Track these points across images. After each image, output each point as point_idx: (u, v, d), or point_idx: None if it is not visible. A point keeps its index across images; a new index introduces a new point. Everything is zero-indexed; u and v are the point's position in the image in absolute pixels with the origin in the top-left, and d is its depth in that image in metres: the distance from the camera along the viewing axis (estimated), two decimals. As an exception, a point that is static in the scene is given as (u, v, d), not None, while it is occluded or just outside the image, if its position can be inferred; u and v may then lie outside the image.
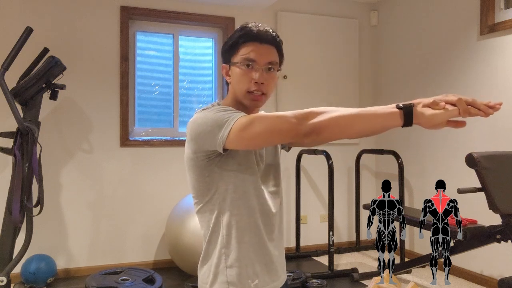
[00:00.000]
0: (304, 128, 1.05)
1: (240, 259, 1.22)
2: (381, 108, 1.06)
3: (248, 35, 1.23)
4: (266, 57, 1.24)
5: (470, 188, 2.38)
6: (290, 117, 1.07)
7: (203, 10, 4.02)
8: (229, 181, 1.21)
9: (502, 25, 3.23)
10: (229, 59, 1.27)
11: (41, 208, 3.01)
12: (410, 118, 1.01)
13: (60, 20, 3.61)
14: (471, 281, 3.45)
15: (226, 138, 1.11)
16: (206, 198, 1.24)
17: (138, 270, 3.22)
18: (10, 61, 2.94)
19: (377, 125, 1.05)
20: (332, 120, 1.05)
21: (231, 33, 1.29)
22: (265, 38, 1.24)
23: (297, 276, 3.33)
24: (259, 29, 1.24)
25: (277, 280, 1.30)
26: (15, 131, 2.96)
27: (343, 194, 4.51)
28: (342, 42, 4.48)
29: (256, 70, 1.22)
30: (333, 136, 1.06)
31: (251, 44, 1.23)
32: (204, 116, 1.17)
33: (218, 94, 4.19)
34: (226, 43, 1.28)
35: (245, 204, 1.23)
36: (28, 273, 3.23)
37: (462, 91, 3.57)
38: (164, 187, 3.88)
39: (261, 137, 1.09)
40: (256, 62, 1.23)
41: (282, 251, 1.35)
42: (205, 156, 1.19)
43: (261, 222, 1.25)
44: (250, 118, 1.11)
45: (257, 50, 1.23)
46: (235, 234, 1.22)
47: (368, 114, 1.05)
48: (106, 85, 3.74)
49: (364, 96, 4.61)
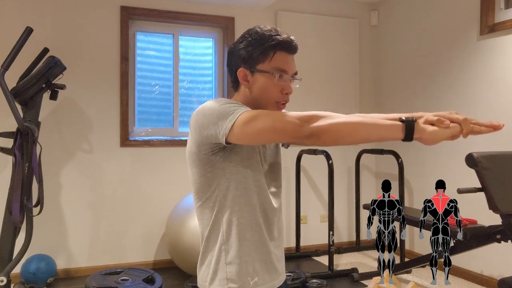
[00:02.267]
0: (306, 130, 1.06)
1: (240, 256, 1.22)
2: (383, 119, 1.07)
3: (281, 45, 1.22)
4: (294, 68, 1.25)
5: (470, 188, 2.38)
6: (293, 117, 1.08)
7: (203, 10, 4.02)
8: (230, 178, 1.21)
9: (502, 25, 3.23)
10: (253, 65, 1.23)
11: (41, 208, 3.01)
12: (411, 133, 1.02)
13: (60, 20, 3.61)
14: (471, 281, 3.45)
15: (229, 130, 1.11)
16: (207, 195, 1.24)
17: (138, 270, 3.22)
18: (10, 61, 2.94)
19: (377, 135, 1.06)
20: (334, 125, 1.05)
21: (249, 37, 1.25)
22: (294, 49, 1.24)
23: (297, 276, 3.33)
24: (290, 39, 1.24)
25: (277, 278, 1.30)
26: (15, 131, 2.96)
27: (343, 194, 4.51)
28: (342, 42, 4.48)
29: (286, 80, 1.23)
30: (332, 141, 1.07)
31: (283, 54, 1.23)
32: (210, 107, 1.16)
33: (218, 94, 4.19)
34: (248, 47, 1.24)
35: (246, 201, 1.23)
36: (28, 273, 3.23)
37: (462, 91, 3.57)
38: (164, 187, 3.88)
39: (263, 134, 1.10)
40: (286, 72, 1.23)
41: (282, 250, 1.35)
42: (209, 149, 1.19)
43: (262, 220, 1.25)
44: (254, 113, 1.12)
45: (287, 61, 1.23)
46: (235, 231, 1.22)
47: (370, 124, 1.05)
48: (106, 85, 3.74)
49: (364, 96, 4.61)
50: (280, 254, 1.33)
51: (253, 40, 1.24)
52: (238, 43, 1.27)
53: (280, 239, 1.34)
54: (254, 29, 1.26)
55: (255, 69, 1.23)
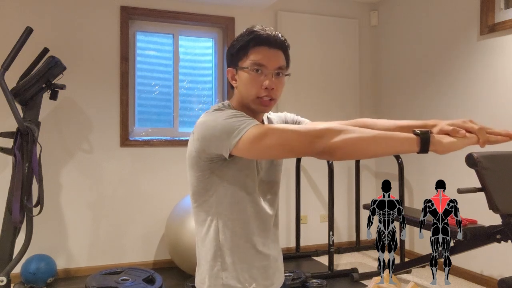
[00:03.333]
0: (318, 146, 1.03)
1: (236, 262, 1.22)
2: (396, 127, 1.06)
3: (257, 40, 1.21)
4: (275, 62, 1.22)
5: (470, 188, 2.37)
6: (304, 133, 1.05)
7: (203, 10, 4.02)
8: (228, 186, 1.21)
9: (502, 25, 3.23)
10: (236, 63, 1.24)
11: (41, 208, 3.01)
12: (427, 145, 1.00)
13: (60, 20, 3.61)
14: (471, 281, 3.45)
15: (234, 146, 1.09)
16: (203, 198, 1.24)
17: (138, 270, 3.22)
18: (10, 61, 2.94)
19: (392, 149, 1.04)
20: (348, 141, 1.02)
21: (237, 36, 1.26)
22: (274, 43, 1.22)
23: (297, 276, 3.33)
24: (268, 33, 1.22)
25: (275, 282, 1.30)
26: (15, 131, 2.96)
27: (343, 194, 4.51)
28: (342, 42, 4.48)
29: (266, 75, 1.21)
30: (347, 157, 1.04)
31: (260, 48, 1.21)
32: (214, 120, 1.14)
33: (218, 94, 4.19)
34: (233, 46, 1.25)
35: (242, 209, 1.22)
36: (28, 273, 3.23)
37: (462, 91, 3.57)
38: (164, 187, 3.88)
39: (272, 150, 1.08)
40: (265, 67, 1.20)
41: (279, 254, 1.35)
42: (208, 158, 1.18)
43: (256, 227, 1.24)
44: (263, 129, 1.09)
45: (266, 55, 1.21)
46: (230, 238, 1.22)
47: (384, 138, 1.03)
48: (106, 85, 3.74)
49: (364, 96, 4.61)
50: (277, 258, 1.33)
51: (236, 41, 1.24)
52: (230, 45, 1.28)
53: (276, 241, 1.33)
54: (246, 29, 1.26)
55: (238, 67, 1.23)
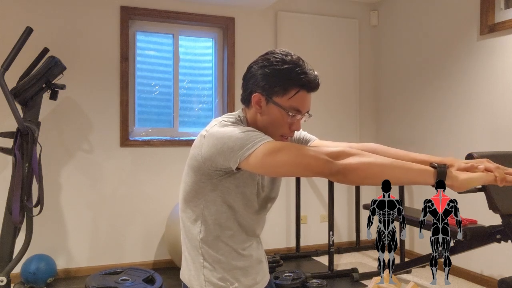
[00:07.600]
0: (333, 167, 1.01)
1: (216, 262, 1.24)
2: (412, 159, 1.06)
3: (305, 86, 1.18)
4: (308, 106, 1.22)
5: (470, 188, 2.37)
6: (320, 153, 1.03)
7: (203, 10, 4.02)
8: (220, 196, 1.21)
9: (502, 25, 3.23)
10: (271, 96, 1.19)
11: (41, 208, 3.01)
12: (443, 179, 1.01)
13: (60, 20, 3.61)
14: (471, 281, 3.45)
15: (245, 158, 1.07)
16: (193, 199, 1.24)
17: (138, 270, 3.22)
18: (10, 61, 2.94)
19: (406, 179, 1.03)
20: (363, 165, 1.01)
21: (280, 59, 1.19)
22: (315, 88, 1.21)
23: (297, 276, 3.33)
24: (314, 78, 1.20)
25: (260, 282, 1.32)
26: (15, 131, 2.96)
27: (343, 194, 4.51)
28: (342, 42, 4.48)
29: (297, 118, 1.21)
30: (359, 181, 1.02)
31: (303, 94, 1.19)
32: (232, 131, 1.13)
33: (218, 94, 4.19)
34: (275, 80, 1.18)
35: (227, 218, 1.23)
36: (28, 273, 3.23)
37: (462, 91, 3.57)
38: (164, 187, 3.88)
39: (285, 168, 1.05)
40: (301, 112, 1.21)
41: (262, 255, 1.37)
42: (213, 167, 1.17)
43: (239, 235, 1.26)
44: (279, 145, 1.07)
45: (305, 100, 1.20)
46: (212, 241, 1.23)
47: (401, 167, 1.02)
48: (106, 85, 3.74)
49: (364, 96, 4.61)
50: (261, 257, 1.35)
51: (277, 72, 1.18)
52: (260, 66, 1.21)
53: (259, 243, 1.36)
54: (278, 55, 1.21)
55: (271, 100, 1.19)
